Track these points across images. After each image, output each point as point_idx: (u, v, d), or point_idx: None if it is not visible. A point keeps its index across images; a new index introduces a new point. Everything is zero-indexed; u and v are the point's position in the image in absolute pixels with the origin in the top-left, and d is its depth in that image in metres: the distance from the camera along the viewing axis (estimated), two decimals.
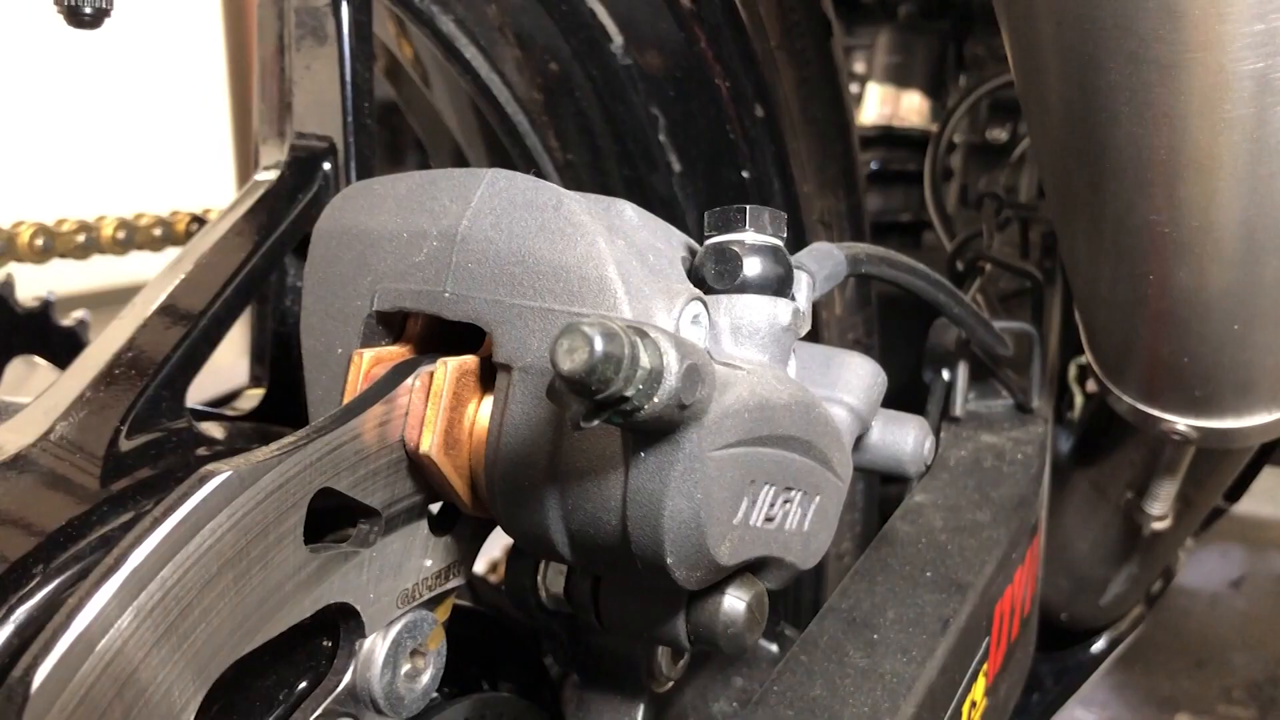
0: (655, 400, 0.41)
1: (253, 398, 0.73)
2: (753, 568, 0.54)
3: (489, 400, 0.52)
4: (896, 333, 1.12)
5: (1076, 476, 1.17)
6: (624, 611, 0.54)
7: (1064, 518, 1.21)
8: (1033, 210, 1.22)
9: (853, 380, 0.62)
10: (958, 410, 0.91)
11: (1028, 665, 0.89)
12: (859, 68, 1.69)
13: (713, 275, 0.54)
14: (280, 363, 0.74)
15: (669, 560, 0.47)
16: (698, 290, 0.51)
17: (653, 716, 0.60)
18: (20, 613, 0.50)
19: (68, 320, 0.88)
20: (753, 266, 0.54)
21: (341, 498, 0.49)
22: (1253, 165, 0.57)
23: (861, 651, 0.65)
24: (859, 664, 0.64)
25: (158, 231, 0.92)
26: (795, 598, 0.90)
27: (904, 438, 0.65)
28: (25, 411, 0.61)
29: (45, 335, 0.86)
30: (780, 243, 0.54)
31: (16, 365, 0.85)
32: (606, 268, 0.48)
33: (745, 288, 0.53)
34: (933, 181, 1.41)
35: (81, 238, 0.87)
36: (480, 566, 0.84)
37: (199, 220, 0.95)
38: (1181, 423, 0.84)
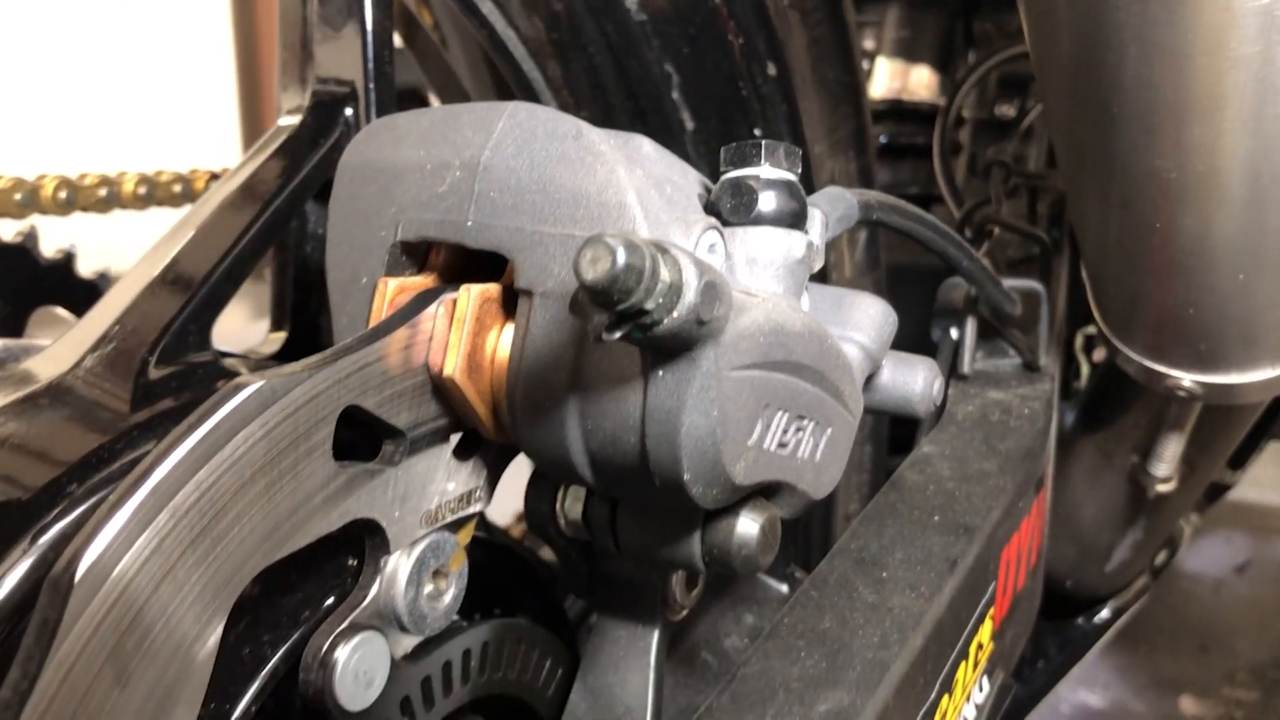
0: (674, 314, 0.42)
1: (274, 342, 0.74)
2: (765, 493, 0.55)
3: (510, 327, 0.53)
4: (904, 300, 1.13)
5: (1083, 442, 1.18)
6: (641, 535, 0.56)
7: (1070, 484, 1.22)
8: (1041, 178, 1.23)
9: (864, 319, 0.63)
10: (965, 367, 0.92)
11: (1033, 618, 0.90)
12: (869, 44, 1.69)
13: (729, 209, 0.55)
14: (300, 308, 0.76)
15: (686, 477, 0.48)
16: (714, 221, 0.53)
17: (667, 645, 0.61)
18: (55, 530, 0.51)
19: (88, 273, 0.90)
20: (768, 200, 0.55)
21: (369, 417, 0.50)
22: (1258, 106, 0.58)
23: (870, 588, 0.66)
24: (868, 599, 0.65)
25: (177, 188, 0.93)
26: (805, 543, 0.91)
27: (914, 378, 0.66)
28: (55, 345, 0.63)
29: (67, 286, 0.87)
30: (795, 178, 0.56)
31: (40, 315, 0.87)
32: (626, 194, 0.49)
33: (760, 221, 0.55)
34: (941, 154, 1.41)
35: (103, 192, 0.88)
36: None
37: (216, 177, 0.97)
38: (1187, 378, 0.85)
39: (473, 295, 0.52)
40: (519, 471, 0.59)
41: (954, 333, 0.94)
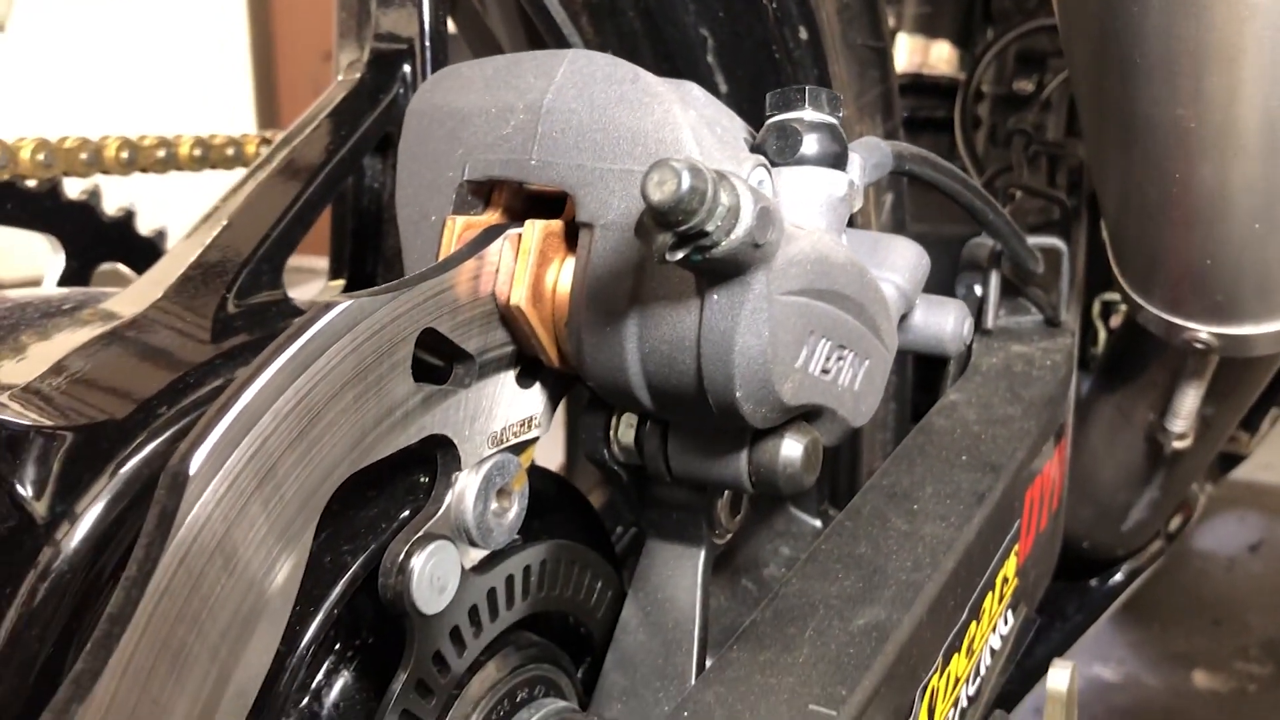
0: (732, 237, 0.46)
1: (333, 289, 0.78)
2: (807, 418, 0.59)
3: (570, 261, 0.57)
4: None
5: (1102, 403, 1.22)
6: (691, 457, 0.59)
7: (1089, 445, 1.25)
8: (1060, 147, 1.26)
9: (899, 261, 0.67)
10: (989, 322, 0.96)
11: (1054, 562, 0.93)
12: (889, 21, 1.72)
13: (774, 150, 0.58)
14: (358, 259, 0.80)
15: (738, 394, 0.52)
16: (762, 159, 0.56)
17: (712, 566, 0.65)
18: (148, 449, 0.55)
19: (148, 231, 0.93)
20: (811, 142, 0.58)
21: (443, 340, 0.54)
22: (1276, 55, 0.61)
23: (903, 519, 0.70)
24: (901, 528, 0.69)
25: (230, 151, 0.97)
26: (833, 495, 0.94)
27: (945, 319, 0.69)
28: (135, 284, 0.67)
29: (128, 244, 0.91)
30: (837, 121, 0.59)
31: (103, 271, 0.91)
32: (681, 131, 0.53)
33: (804, 161, 0.58)
34: (963, 125, 1.44)
35: (161, 153, 0.92)
36: None
37: (266, 141, 1.00)
38: (1204, 331, 0.89)
39: (536, 229, 0.56)
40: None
41: (978, 289, 0.97)
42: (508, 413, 0.58)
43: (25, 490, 0.51)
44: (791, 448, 0.58)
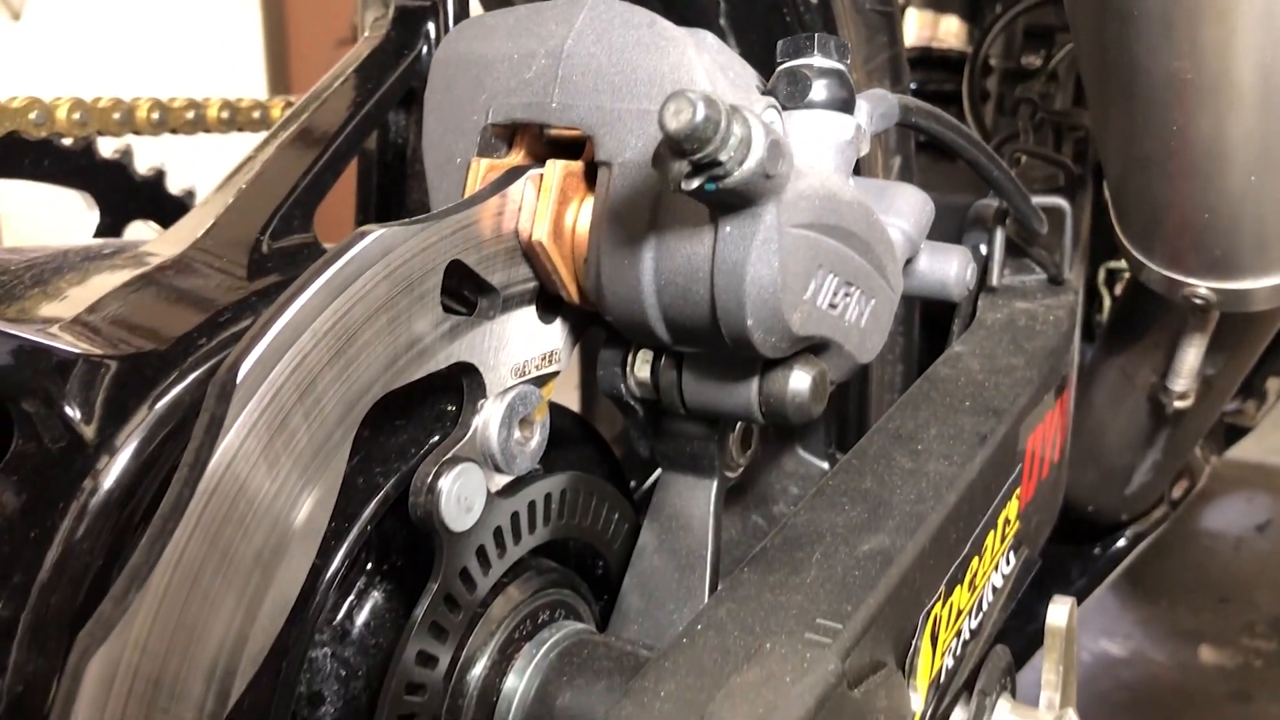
0: (744, 167, 0.48)
1: None
2: (815, 351, 0.62)
3: (589, 200, 0.60)
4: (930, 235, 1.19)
5: (1106, 367, 1.24)
6: (704, 390, 0.62)
7: (1094, 409, 1.28)
8: (1066, 115, 1.28)
9: (905, 207, 0.69)
10: (994, 280, 0.98)
11: (1056, 513, 0.96)
12: None
13: (784, 94, 0.61)
14: (383, 213, 0.83)
15: (749, 323, 0.55)
16: (773, 100, 0.59)
17: (723, 498, 0.68)
18: (191, 378, 0.58)
19: (177, 190, 0.97)
20: (820, 88, 0.61)
21: (469, 273, 0.57)
22: (1270, 6, 0.63)
23: (907, 457, 0.72)
24: (905, 465, 0.71)
25: (256, 114, 1.00)
26: (841, 433, 0.97)
27: (949, 264, 0.72)
28: (172, 229, 0.70)
29: (159, 202, 0.95)
30: (845, 68, 0.62)
31: (135, 228, 0.94)
32: (696, 72, 0.56)
33: (812, 106, 0.61)
34: (970, 98, 1.47)
35: (190, 115, 0.95)
36: None
37: (290, 104, 1.03)
38: (1203, 286, 0.91)
39: (557, 169, 0.59)
40: None
41: (983, 248, 0.99)
42: (529, 346, 0.61)
43: (74, 413, 0.54)
44: (800, 379, 0.60)
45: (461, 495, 0.57)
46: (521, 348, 0.61)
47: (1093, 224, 1.27)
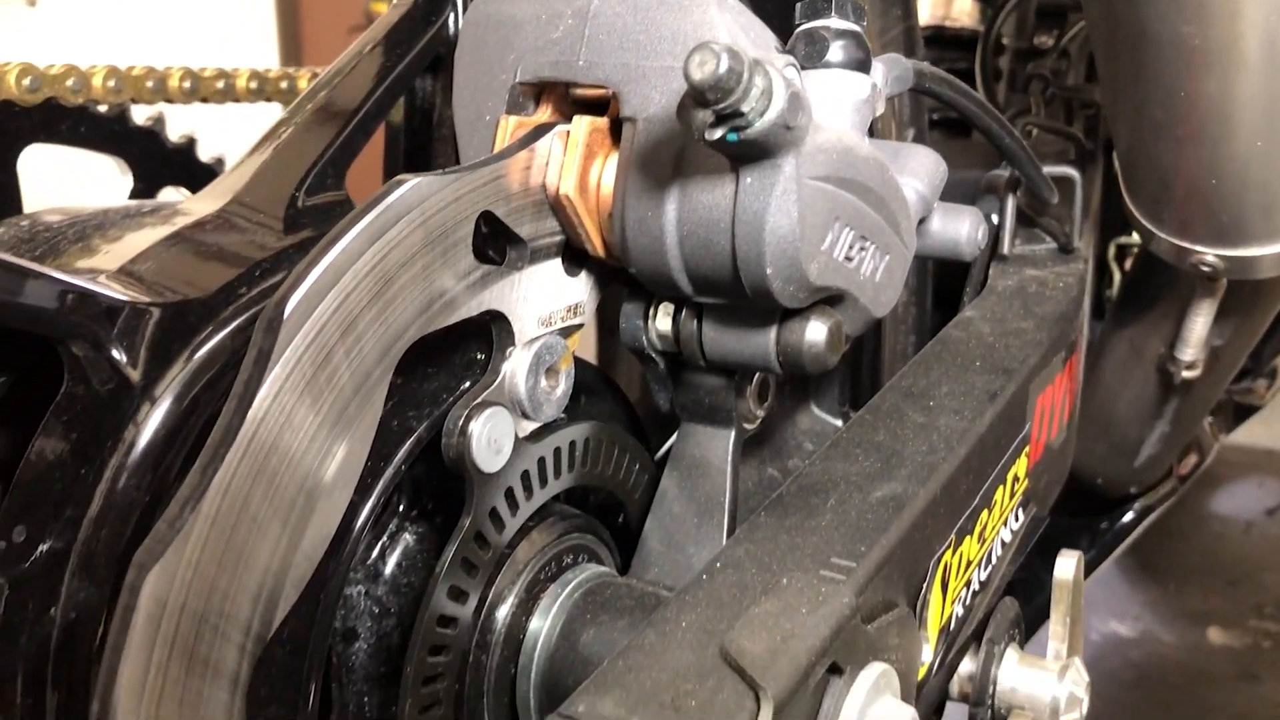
0: (765, 118, 0.51)
1: None
2: (831, 304, 0.64)
3: (614, 157, 0.62)
4: None
5: (1115, 339, 1.26)
6: (724, 341, 0.65)
7: (1103, 381, 1.30)
8: (1077, 91, 1.30)
9: (918, 167, 0.71)
10: (1005, 249, 1.00)
11: (1064, 476, 0.98)
12: None
13: (803, 55, 0.63)
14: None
15: (769, 271, 0.57)
16: (792, 59, 0.61)
17: (741, 449, 0.70)
18: (232, 326, 0.61)
19: (208, 158, 0.99)
20: (837, 49, 0.63)
21: (499, 224, 0.59)
22: None
23: (919, 412, 0.75)
24: (917, 420, 0.74)
25: (284, 84, 1.02)
26: (854, 394, 0.99)
27: (960, 225, 0.74)
28: (209, 188, 0.73)
29: (190, 169, 0.97)
30: (861, 30, 0.64)
31: (167, 194, 0.97)
32: (718, 30, 0.58)
33: (830, 67, 0.63)
34: (983, 76, 1.48)
35: (220, 84, 0.98)
36: None
37: (316, 75, 1.06)
38: (1211, 253, 0.93)
39: (583, 125, 0.61)
40: None
41: (994, 217, 1.01)
42: (555, 297, 0.64)
43: (121, 356, 0.57)
44: (816, 329, 0.63)
45: (492, 438, 0.59)
46: (548, 299, 0.63)
47: (1103, 199, 1.29)
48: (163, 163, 0.95)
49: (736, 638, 0.52)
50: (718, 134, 0.51)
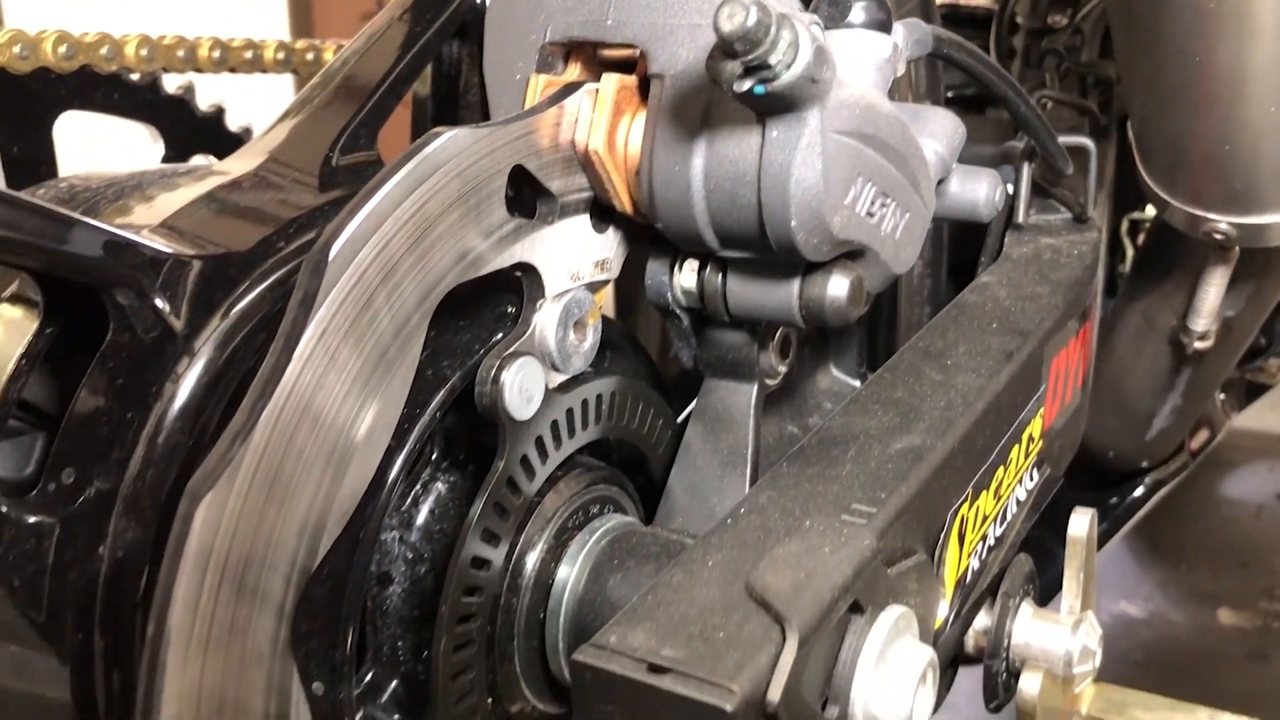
0: (792, 70, 0.52)
1: None
2: (851, 259, 0.65)
3: (642, 115, 0.63)
4: None
5: (1128, 312, 1.27)
6: (748, 296, 0.66)
7: (1116, 354, 1.31)
8: (1091, 67, 1.31)
9: (937, 129, 0.73)
10: (1021, 217, 1.02)
11: (1078, 441, 0.99)
12: None
13: (826, 16, 0.65)
14: None
15: (794, 223, 0.58)
16: (816, 17, 0.62)
17: (763, 404, 0.72)
18: (271, 279, 0.63)
19: (236, 128, 1.01)
20: (859, 10, 0.65)
21: (530, 178, 0.61)
22: None
23: (937, 371, 0.76)
24: (935, 378, 0.75)
25: (310, 56, 1.04)
26: (872, 357, 1.01)
27: (979, 186, 0.76)
28: (244, 149, 0.74)
29: (219, 138, 0.99)
30: None
31: (196, 161, 0.99)
32: None
33: (852, 27, 0.65)
34: (998, 54, 1.49)
35: (249, 54, 0.99)
36: None
37: (342, 46, 1.07)
38: (1224, 221, 0.94)
39: (612, 82, 0.63)
40: None
41: (1010, 187, 1.03)
42: (584, 253, 0.65)
43: (164, 305, 0.59)
44: (838, 284, 0.64)
45: (523, 386, 0.61)
46: (576, 254, 0.65)
47: (1116, 175, 1.30)
48: (193, 130, 0.96)
49: (762, 574, 0.54)
50: (745, 86, 0.52)
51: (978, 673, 0.80)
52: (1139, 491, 1.52)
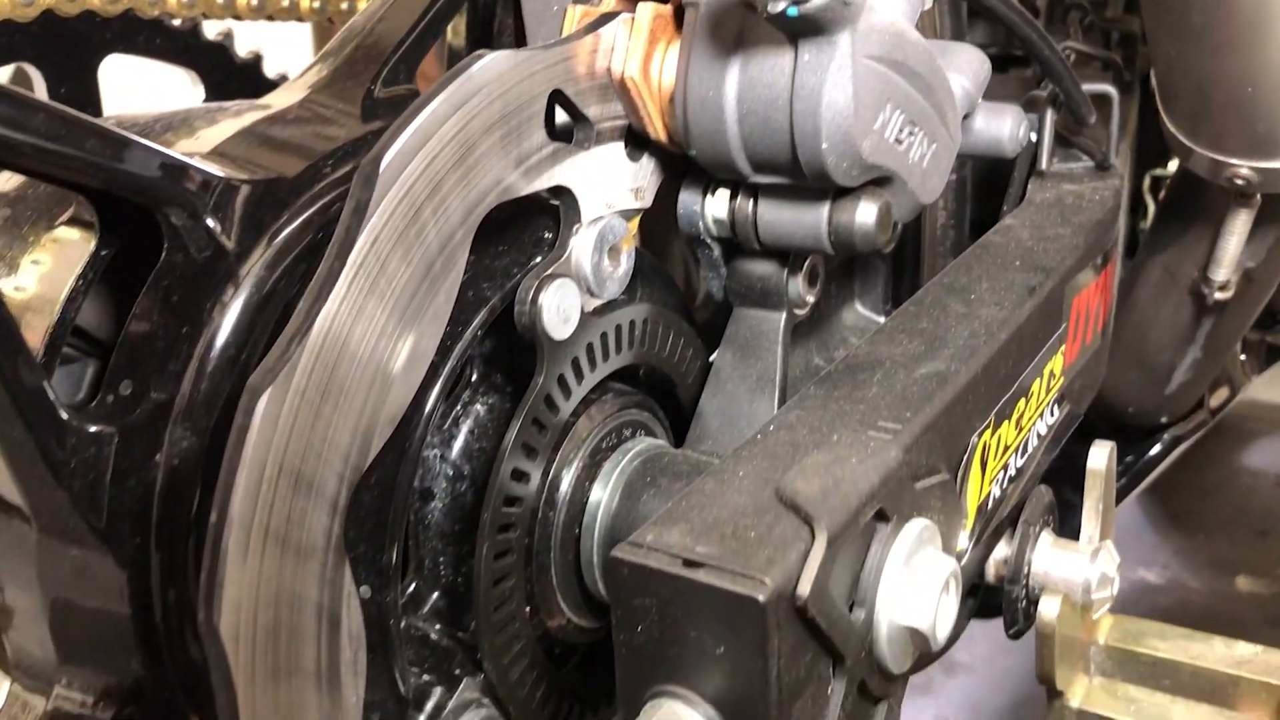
0: None
1: None
2: (879, 186, 0.67)
3: (677, 44, 0.65)
4: None
5: (1150, 265, 1.28)
6: (778, 223, 0.68)
7: (1137, 307, 1.32)
8: (1115, 22, 1.31)
9: (964, 63, 0.74)
10: (1043, 164, 1.03)
11: (1098, 384, 1.01)
12: None
13: None
14: None
15: (824, 145, 0.60)
16: None
17: (791, 332, 0.74)
18: (319, 204, 0.65)
19: (273, 74, 1.03)
20: None
21: (568, 103, 0.63)
22: None
23: (961, 304, 0.78)
24: (959, 311, 0.77)
25: (344, 5, 1.06)
26: (896, 297, 1.03)
27: (1003, 122, 0.77)
28: (290, 82, 0.77)
29: (257, 84, 1.01)
30: None
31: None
32: None
33: None
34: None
35: (285, 2, 1.02)
36: None
37: None
38: (1246, 165, 0.95)
39: (647, 11, 0.65)
40: None
41: (1033, 135, 1.04)
42: (618, 180, 0.67)
43: (216, 225, 0.61)
44: (867, 210, 0.66)
45: (561, 306, 0.63)
46: (611, 181, 0.67)
47: (1139, 132, 1.31)
48: (231, 76, 0.99)
49: (791, 481, 0.56)
50: (780, 7, 0.54)
51: (996, 634, 0.82)
52: (1158, 448, 1.54)
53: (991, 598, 0.85)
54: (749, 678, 0.51)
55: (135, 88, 1.02)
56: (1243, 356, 1.65)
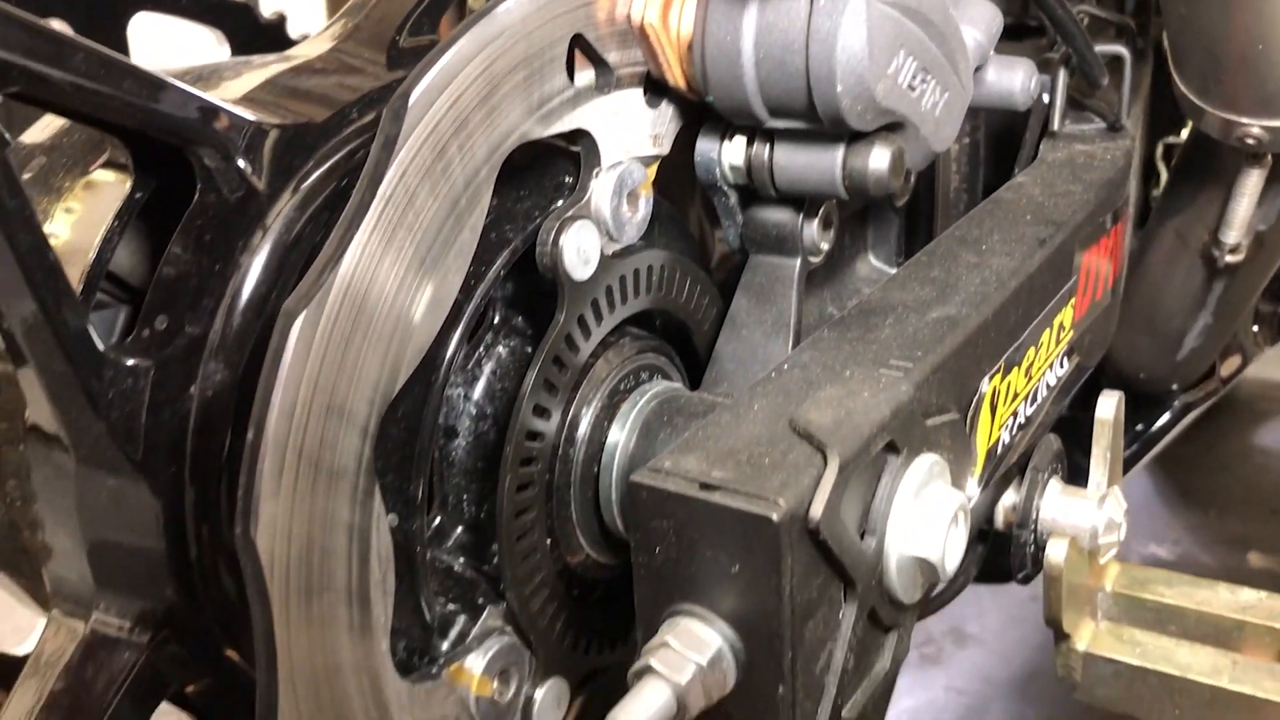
0: None
1: None
2: (893, 131, 0.69)
3: None
4: None
5: (1161, 230, 1.29)
6: (793, 169, 0.70)
7: (1148, 273, 1.33)
8: None
9: (976, 16, 0.76)
10: (1056, 124, 1.04)
11: (1108, 339, 1.02)
12: None
13: None
14: None
15: (839, 89, 0.62)
16: None
17: (805, 279, 0.76)
18: (346, 149, 0.67)
19: (296, 35, 1.05)
20: None
21: (588, 48, 0.64)
22: None
23: (972, 254, 0.79)
24: (970, 261, 0.78)
25: None
26: (909, 251, 1.04)
27: (1015, 75, 0.79)
28: (312, 38, 0.79)
29: (280, 45, 1.03)
30: None
31: None
32: None
33: None
34: None
35: None
36: None
37: None
38: (1257, 124, 0.96)
39: None
40: None
41: (1045, 97, 1.05)
42: (637, 126, 0.69)
43: (248, 167, 0.63)
44: (880, 155, 0.68)
45: (581, 247, 0.65)
46: (630, 126, 0.68)
47: (1151, 100, 1.31)
48: (256, 36, 1.00)
49: (805, 412, 0.58)
50: None
51: (1007, 606, 0.84)
52: (1168, 416, 1.55)
53: (1002, 560, 0.86)
54: (763, 596, 0.53)
55: (162, 46, 1.03)
56: (1255, 327, 1.66)
